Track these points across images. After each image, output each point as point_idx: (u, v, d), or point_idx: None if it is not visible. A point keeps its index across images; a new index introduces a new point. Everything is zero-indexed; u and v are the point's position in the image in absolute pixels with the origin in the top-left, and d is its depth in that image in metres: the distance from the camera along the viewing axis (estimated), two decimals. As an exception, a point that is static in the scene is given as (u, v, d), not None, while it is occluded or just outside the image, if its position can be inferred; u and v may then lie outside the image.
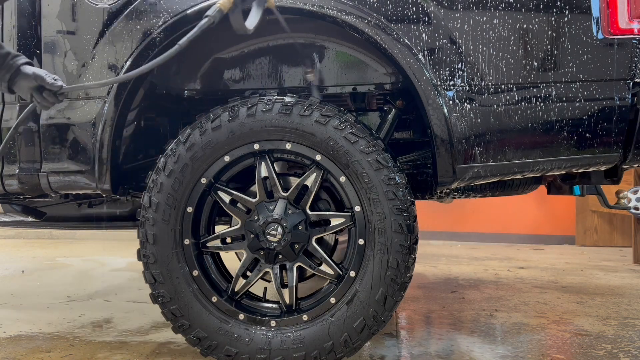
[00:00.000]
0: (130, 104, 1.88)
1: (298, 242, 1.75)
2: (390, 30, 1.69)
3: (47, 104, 1.61)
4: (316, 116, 1.70)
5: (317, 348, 1.72)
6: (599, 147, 1.68)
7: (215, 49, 2.01)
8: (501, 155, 1.70)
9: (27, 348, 2.16)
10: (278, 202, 1.76)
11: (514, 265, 4.31)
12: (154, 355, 2.05)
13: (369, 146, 1.68)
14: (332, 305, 1.75)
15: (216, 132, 1.73)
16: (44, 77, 1.57)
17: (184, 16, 1.76)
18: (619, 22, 1.63)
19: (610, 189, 3.17)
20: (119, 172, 1.90)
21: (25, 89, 1.60)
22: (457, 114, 1.67)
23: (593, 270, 4.07)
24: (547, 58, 1.67)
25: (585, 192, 2.62)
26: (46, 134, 1.87)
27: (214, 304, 1.79)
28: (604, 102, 1.65)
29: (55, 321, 2.57)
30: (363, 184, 1.69)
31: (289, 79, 2.02)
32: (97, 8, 1.84)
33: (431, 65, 1.68)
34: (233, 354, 1.76)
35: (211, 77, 2.05)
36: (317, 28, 1.92)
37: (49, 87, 1.57)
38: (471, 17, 1.67)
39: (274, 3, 1.57)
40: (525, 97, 1.67)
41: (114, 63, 1.82)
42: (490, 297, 3.05)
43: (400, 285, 1.70)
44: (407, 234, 1.68)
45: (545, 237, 5.79)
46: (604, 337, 2.27)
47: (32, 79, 1.58)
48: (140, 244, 1.79)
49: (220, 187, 1.80)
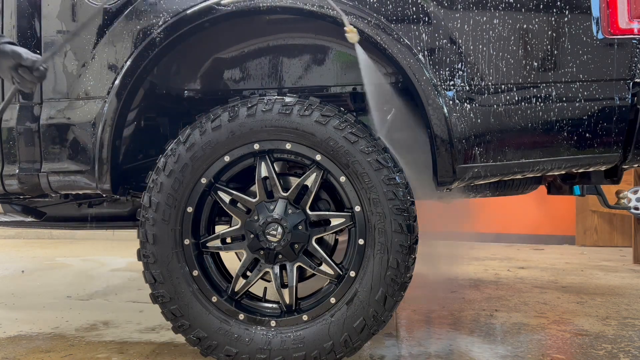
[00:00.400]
0: (130, 104, 1.88)
1: (298, 242, 1.75)
2: (390, 30, 1.69)
3: (25, 82, 1.59)
4: (316, 116, 1.70)
5: (317, 348, 1.72)
6: (599, 147, 1.68)
7: (215, 49, 2.01)
8: (501, 155, 1.70)
9: (27, 348, 2.16)
10: (278, 202, 1.76)
11: (514, 265, 4.31)
12: (154, 355, 2.05)
13: (369, 146, 1.68)
14: (332, 305, 1.75)
15: (216, 132, 1.74)
16: (20, 54, 1.56)
17: (183, 16, 1.76)
18: (619, 22, 1.63)
19: (610, 189, 3.17)
20: (119, 172, 1.90)
21: (5, 68, 1.58)
22: (457, 114, 1.67)
23: (593, 270, 4.07)
24: (547, 58, 1.67)
25: (585, 192, 2.62)
26: (46, 134, 1.87)
27: (214, 304, 1.79)
28: (604, 102, 1.65)
29: (55, 321, 2.57)
30: (363, 184, 1.69)
31: (289, 79, 2.02)
32: (97, 8, 1.84)
33: (431, 65, 1.68)
34: (233, 354, 1.76)
35: (211, 77, 2.05)
36: (317, 28, 1.92)
37: (23, 63, 1.56)
38: (471, 17, 1.67)
39: None
40: (525, 97, 1.67)
41: (114, 63, 1.82)
42: (490, 297, 3.05)
43: (400, 285, 1.70)
44: (407, 234, 1.68)
45: (545, 237, 5.78)
46: (604, 337, 2.27)
47: (10, 56, 1.56)
48: (140, 244, 1.79)
49: (220, 187, 1.80)
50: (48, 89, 1.89)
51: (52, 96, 1.89)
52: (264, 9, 1.72)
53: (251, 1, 1.71)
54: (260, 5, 1.71)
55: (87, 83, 1.84)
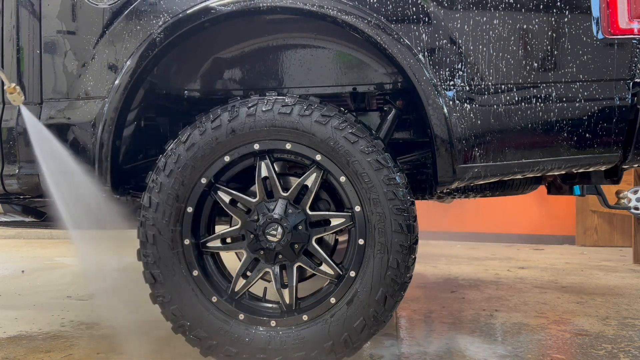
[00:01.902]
0: (130, 104, 1.88)
1: (298, 242, 1.75)
2: (390, 30, 1.69)
3: None
4: (316, 116, 1.70)
5: (317, 348, 1.72)
6: (599, 147, 1.68)
7: (215, 49, 2.01)
8: (501, 156, 1.70)
9: (27, 348, 2.16)
10: (278, 202, 1.76)
11: (514, 265, 4.31)
12: (153, 355, 2.05)
13: (369, 146, 1.68)
14: (332, 305, 1.75)
15: (216, 131, 1.73)
16: None
17: (183, 16, 1.76)
18: (619, 22, 1.63)
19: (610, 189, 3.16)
20: (119, 172, 1.90)
21: None
22: (457, 114, 1.67)
23: (593, 270, 4.07)
24: (547, 58, 1.67)
25: (585, 192, 2.62)
26: (46, 134, 1.87)
27: (214, 304, 1.79)
28: (604, 102, 1.65)
29: (55, 321, 2.57)
30: (363, 184, 1.69)
31: (289, 79, 2.02)
32: (97, 8, 1.84)
33: (431, 65, 1.68)
34: (233, 354, 1.76)
35: (211, 77, 2.05)
36: (317, 28, 1.92)
37: None
38: (471, 18, 1.67)
39: None
40: (525, 97, 1.67)
41: (114, 63, 1.82)
42: (490, 297, 3.05)
43: (400, 285, 1.70)
44: (407, 234, 1.68)
45: (545, 237, 5.79)
46: (604, 337, 2.27)
47: None
48: (140, 244, 1.79)
49: (220, 187, 1.80)
50: (48, 89, 1.89)
51: (52, 96, 1.89)
52: (264, 9, 1.72)
53: (251, 1, 1.71)
54: (260, 5, 1.71)
55: (87, 83, 1.84)
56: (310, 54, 1.99)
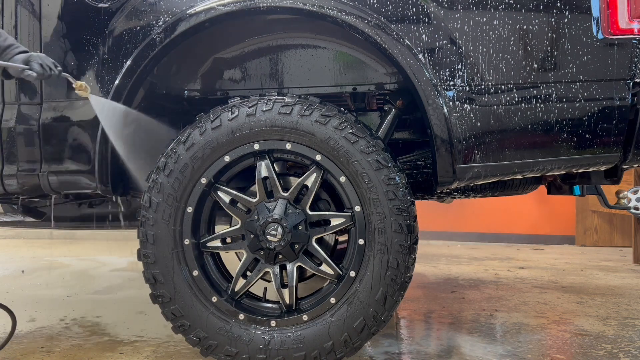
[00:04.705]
0: (130, 104, 1.88)
1: (298, 242, 1.75)
2: (390, 30, 1.69)
3: None
4: (316, 116, 1.70)
5: (317, 348, 1.72)
6: (599, 147, 1.68)
7: (215, 49, 2.01)
8: (501, 156, 1.70)
9: (27, 348, 2.16)
10: (278, 202, 1.76)
11: (514, 265, 4.32)
12: (154, 355, 2.05)
13: (369, 146, 1.68)
14: (332, 305, 1.75)
15: (216, 131, 1.73)
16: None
17: (183, 16, 1.76)
18: (619, 22, 1.63)
19: (610, 189, 3.17)
20: (119, 172, 1.90)
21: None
22: (457, 114, 1.67)
23: (593, 270, 4.08)
24: (547, 58, 1.67)
25: (585, 192, 2.62)
26: (46, 134, 1.87)
27: (214, 304, 1.79)
28: (603, 102, 1.65)
29: (55, 321, 2.57)
30: (363, 184, 1.69)
31: (289, 79, 2.02)
32: (97, 8, 1.84)
33: (431, 65, 1.68)
34: (233, 354, 1.76)
35: (211, 77, 2.05)
36: (317, 28, 1.92)
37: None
38: (471, 18, 1.67)
39: None
40: (525, 97, 1.67)
41: (114, 63, 1.82)
42: (490, 297, 3.05)
43: (400, 285, 1.70)
44: (407, 234, 1.68)
45: (545, 237, 5.79)
46: (604, 337, 2.27)
47: None
48: (140, 244, 1.79)
49: (220, 187, 1.80)
50: (48, 89, 1.89)
51: (52, 96, 1.89)
52: (263, 8, 1.72)
53: (251, 1, 1.71)
54: (260, 5, 1.71)
55: (87, 83, 1.84)
56: (310, 54, 1.99)
